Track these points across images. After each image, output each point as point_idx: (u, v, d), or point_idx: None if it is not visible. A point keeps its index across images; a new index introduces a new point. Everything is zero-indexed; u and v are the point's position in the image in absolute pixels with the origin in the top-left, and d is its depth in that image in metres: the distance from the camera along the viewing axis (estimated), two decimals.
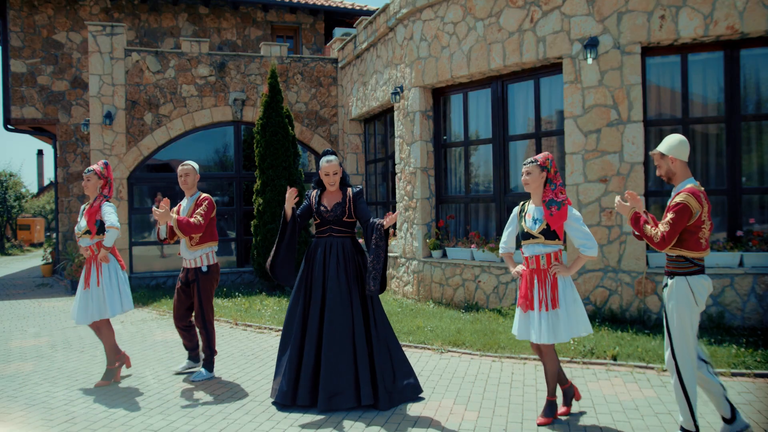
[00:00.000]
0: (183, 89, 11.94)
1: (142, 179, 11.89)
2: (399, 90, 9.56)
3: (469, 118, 8.88)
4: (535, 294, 4.05)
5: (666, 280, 3.72)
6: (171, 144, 12.00)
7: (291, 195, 4.52)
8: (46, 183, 38.47)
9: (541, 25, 7.52)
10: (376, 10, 16.36)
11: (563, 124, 7.42)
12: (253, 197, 10.79)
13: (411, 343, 6.37)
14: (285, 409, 4.48)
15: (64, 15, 14.38)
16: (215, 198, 11.51)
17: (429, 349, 6.22)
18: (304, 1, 15.79)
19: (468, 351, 6.04)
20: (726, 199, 6.85)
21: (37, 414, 4.55)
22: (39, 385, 5.32)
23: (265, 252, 10.34)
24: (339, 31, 14.50)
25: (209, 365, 5.45)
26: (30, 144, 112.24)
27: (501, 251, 4.42)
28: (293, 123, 11.04)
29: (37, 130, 15.31)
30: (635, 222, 3.74)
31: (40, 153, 38.20)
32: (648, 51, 7.05)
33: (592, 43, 6.99)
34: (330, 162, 4.64)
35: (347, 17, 16.95)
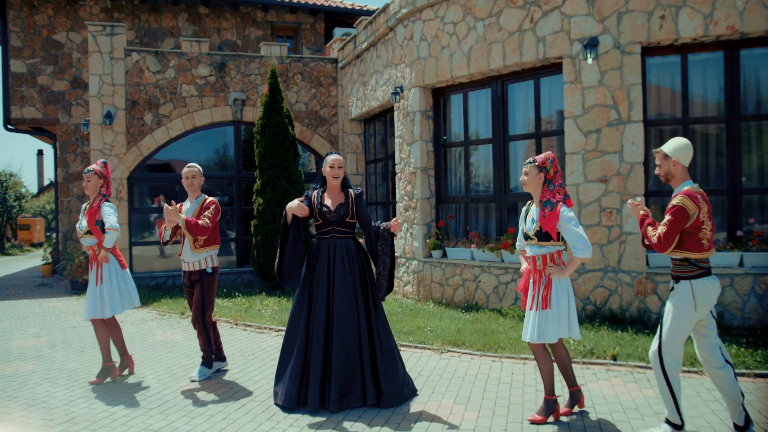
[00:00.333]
0: (183, 89, 11.94)
1: (142, 179, 11.89)
2: (399, 90, 9.56)
3: (469, 118, 8.88)
4: (530, 293, 4.11)
5: (672, 284, 3.75)
6: (171, 144, 12.01)
7: (301, 209, 4.47)
8: (46, 183, 38.47)
9: (541, 25, 7.52)
10: (376, 10, 16.37)
11: (563, 124, 7.42)
12: (253, 197, 10.79)
13: (411, 343, 6.37)
14: (293, 411, 4.44)
15: (64, 15, 14.38)
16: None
17: (429, 349, 6.22)
18: (304, 1, 15.78)
19: (468, 351, 6.04)
20: (726, 199, 6.85)
21: (37, 414, 4.56)
22: (39, 385, 5.32)
23: (266, 252, 10.34)
24: (339, 31, 14.51)
25: (209, 362, 5.50)
26: (30, 144, 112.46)
27: (516, 249, 4.56)
28: (293, 123, 11.04)
29: (37, 130, 15.30)
30: (640, 223, 3.85)
31: (40, 153, 38.20)
32: (648, 51, 7.05)
33: (592, 43, 6.99)
34: (336, 155, 4.71)
35: (347, 17, 16.95)
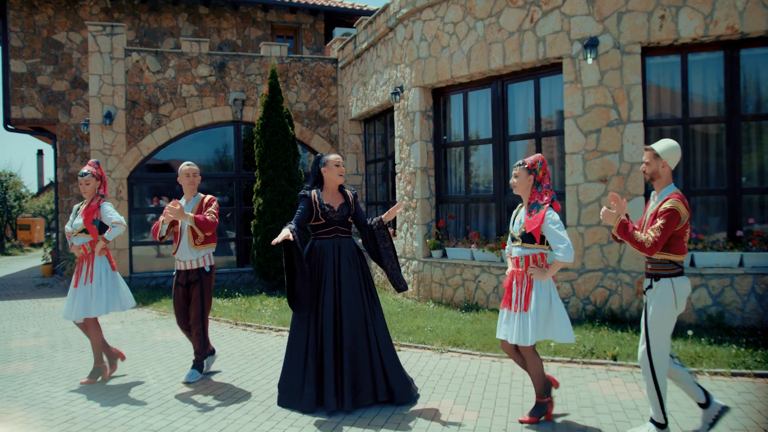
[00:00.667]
0: (183, 89, 11.94)
1: (142, 179, 11.89)
2: (399, 90, 9.56)
3: (469, 118, 8.88)
4: (513, 295, 4.08)
5: (650, 281, 3.76)
6: (171, 144, 12.00)
7: (293, 234, 4.33)
8: (46, 183, 38.46)
9: (541, 25, 7.52)
10: (376, 10, 16.37)
11: (563, 124, 7.42)
12: (253, 197, 10.79)
13: (411, 343, 6.37)
14: (311, 413, 4.42)
15: (64, 15, 14.38)
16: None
17: (429, 349, 6.22)
18: (304, 1, 15.79)
19: (468, 351, 6.04)
20: (726, 199, 6.85)
21: (37, 414, 4.56)
22: (39, 385, 5.32)
23: (265, 252, 10.34)
24: (339, 31, 14.50)
25: (200, 366, 5.46)
26: (30, 144, 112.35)
27: (505, 250, 4.49)
28: (293, 123, 11.03)
29: (37, 130, 15.31)
30: (623, 230, 3.66)
31: (40, 153, 38.18)
32: (648, 51, 7.05)
33: (592, 43, 6.99)
34: (337, 155, 4.80)
35: (347, 17, 16.95)
